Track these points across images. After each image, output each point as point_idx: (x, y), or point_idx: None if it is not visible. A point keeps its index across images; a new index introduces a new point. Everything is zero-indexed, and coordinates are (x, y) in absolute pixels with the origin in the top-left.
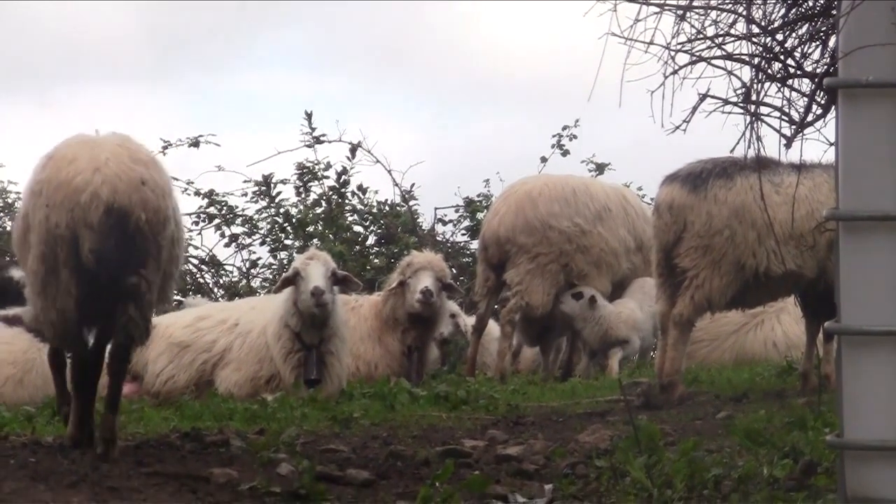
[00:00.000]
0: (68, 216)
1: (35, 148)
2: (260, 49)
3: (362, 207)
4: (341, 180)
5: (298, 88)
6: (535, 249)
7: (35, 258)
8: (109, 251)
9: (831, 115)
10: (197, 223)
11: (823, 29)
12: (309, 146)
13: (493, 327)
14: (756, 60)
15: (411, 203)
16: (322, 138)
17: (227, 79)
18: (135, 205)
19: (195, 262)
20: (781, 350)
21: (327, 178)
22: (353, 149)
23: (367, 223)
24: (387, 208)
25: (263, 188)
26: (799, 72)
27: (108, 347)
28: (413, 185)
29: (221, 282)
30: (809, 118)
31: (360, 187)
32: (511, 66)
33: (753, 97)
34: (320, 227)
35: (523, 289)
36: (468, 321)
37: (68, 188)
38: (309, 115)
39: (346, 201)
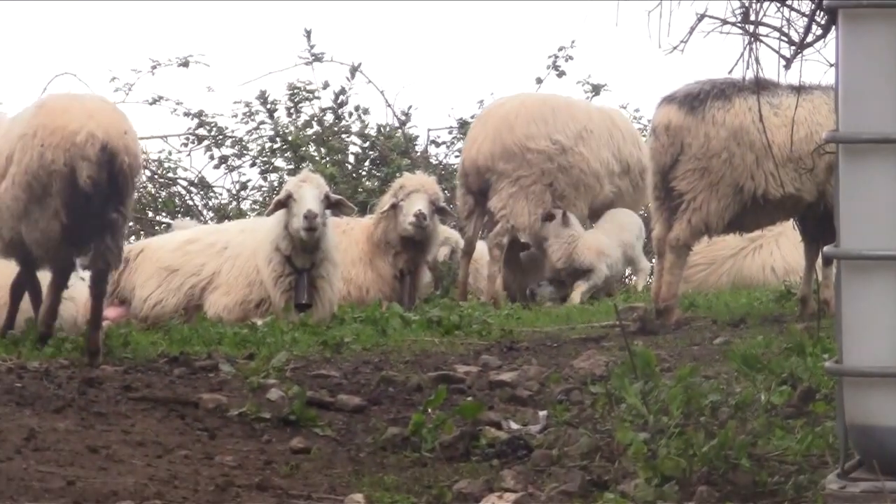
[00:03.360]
0: (65, 154)
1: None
2: None
3: (361, 125)
4: (339, 101)
5: (293, 8)
6: (516, 173)
7: (16, 187)
8: (102, 181)
9: (831, 35)
10: (186, 144)
11: None
12: (308, 63)
13: (485, 251)
14: None
15: (407, 126)
16: (321, 56)
17: None
18: (120, 149)
19: (184, 183)
20: (780, 275)
21: (318, 98)
22: (353, 70)
23: (366, 145)
24: (385, 129)
25: (258, 107)
26: None
27: (89, 274)
28: (410, 107)
29: (211, 204)
30: (809, 39)
31: (357, 108)
32: None
33: (752, 17)
34: (312, 149)
35: (508, 213)
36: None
37: (65, 131)
38: (308, 33)
39: (344, 122)
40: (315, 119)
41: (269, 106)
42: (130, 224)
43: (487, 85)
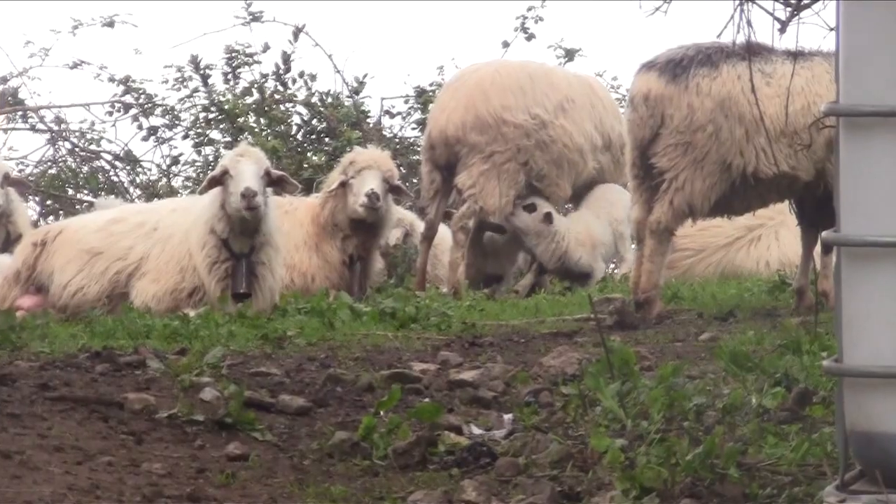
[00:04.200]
0: None
1: None
2: None
3: (307, 93)
4: (282, 66)
5: None
6: (490, 148)
7: None
8: None
9: None
10: (111, 113)
11: None
12: (245, 24)
13: (447, 235)
14: None
15: (360, 96)
16: (258, 15)
17: None
18: None
19: (108, 157)
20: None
21: (259, 63)
22: (297, 32)
23: (311, 116)
24: (328, 99)
25: (190, 72)
26: None
27: None
28: (365, 74)
29: (138, 180)
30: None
31: (301, 74)
32: None
33: None
34: (251, 120)
35: (477, 192)
36: (419, 227)
37: None
38: None
39: (287, 90)
40: (255, 86)
41: (202, 71)
42: (48, 202)
43: (447, 49)
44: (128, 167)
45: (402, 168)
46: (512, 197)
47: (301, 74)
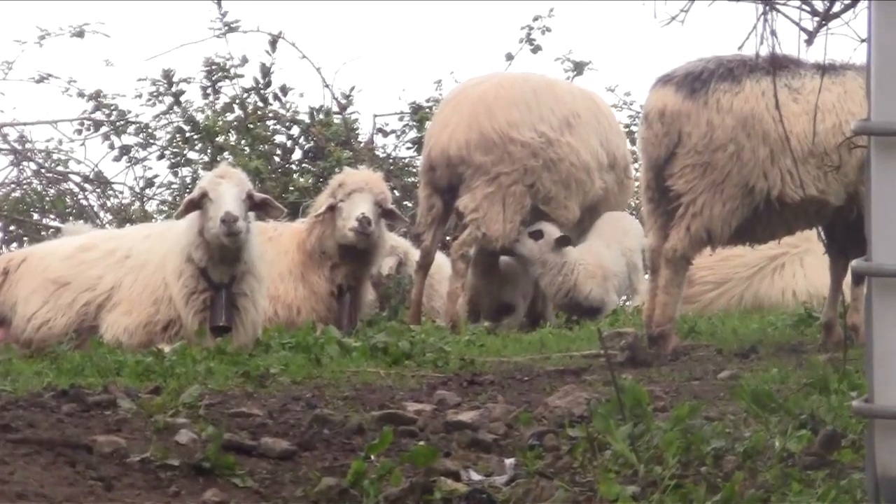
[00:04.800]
0: None
1: None
2: None
3: (285, 112)
4: (266, 80)
5: None
6: (496, 169)
7: None
8: None
9: (862, 4)
10: (80, 131)
11: None
12: (219, 36)
13: (444, 264)
14: None
15: (348, 111)
16: (234, 25)
17: None
18: None
19: (77, 179)
20: (802, 301)
21: (241, 76)
22: (274, 41)
23: (292, 133)
24: (320, 115)
25: (163, 87)
26: None
27: None
28: (353, 87)
29: (109, 204)
30: (836, 8)
31: (282, 88)
32: None
33: None
34: (232, 138)
35: (480, 216)
36: (414, 256)
37: None
38: None
39: (268, 105)
40: (237, 102)
41: (175, 87)
42: (11, 228)
43: (446, 63)
44: (98, 189)
45: (395, 191)
46: (517, 222)
47: (284, 89)
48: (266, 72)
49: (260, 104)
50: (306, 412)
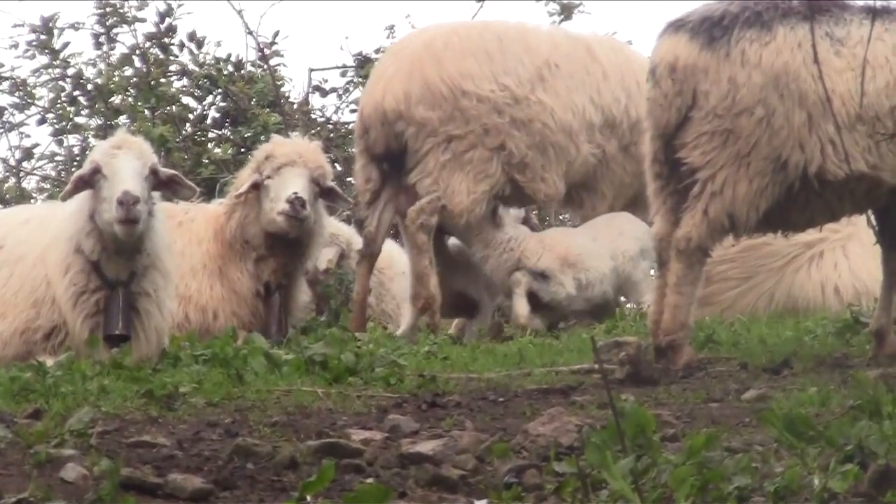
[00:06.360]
0: None
1: None
2: None
3: (197, 68)
4: (165, 24)
5: None
6: (445, 130)
7: None
8: None
9: None
10: None
11: None
12: None
13: (396, 256)
14: None
15: (273, 62)
16: None
17: None
18: None
19: None
20: (846, 299)
21: (142, 21)
22: None
23: (204, 92)
24: (233, 69)
25: (43, 36)
26: None
27: None
28: (277, 33)
29: None
30: None
31: (192, 36)
32: None
33: None
34: (131, 99)
35: (441, 191)
36: (359, 245)
37: None
38: None
39: (172, 58)
40: (136, 53)
41: (59, 36)
42: None
43: (399, 6)
44: None
45: (336, 164)
46: (483, 193)
47: (193, 36)
48: (166, 13)
49: (161, 55)
50: (225, 441)
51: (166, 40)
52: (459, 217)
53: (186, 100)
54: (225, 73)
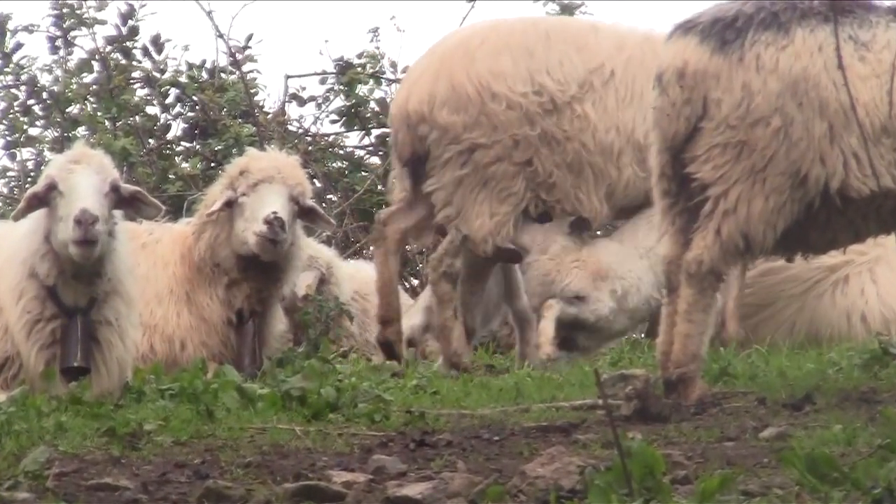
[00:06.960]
0: None
1: None
2: None
3: (159, 75)
4: (127, 26)
5: None
6: (469, 137)
7: None
8: None
9: None
10: None
11: None
12: None
13: (372, 275)
14: None
15: (246, 68)
16: None
17: None
18: None
19: None
20: (874, 328)
21: (102, 23)
22: None
23: (169, 100)
24: (205, 76)
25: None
26: None
27: None
28: (250, 36)
29: None
30: None
31: (154, 39)
32: None
33: None
34: (91, 108)
35: (453, 212)
36: (340, 269)
37: None
38: None
39: (135, 63)
40: (96, 58)
41: (10, 39)
42: None
43: (384, 7)
44: None
45: (316, 181)
46: (505, 215)
47: (156, 40)
48: (129, 14)
49: (122, 60)
50: (194, 484)
51: (128, 44)
52: (484, 243)
53: (151, 109)
54: (195, 79)
